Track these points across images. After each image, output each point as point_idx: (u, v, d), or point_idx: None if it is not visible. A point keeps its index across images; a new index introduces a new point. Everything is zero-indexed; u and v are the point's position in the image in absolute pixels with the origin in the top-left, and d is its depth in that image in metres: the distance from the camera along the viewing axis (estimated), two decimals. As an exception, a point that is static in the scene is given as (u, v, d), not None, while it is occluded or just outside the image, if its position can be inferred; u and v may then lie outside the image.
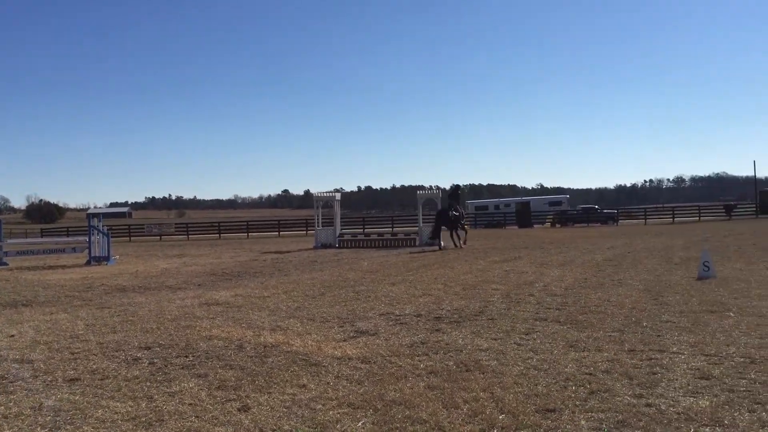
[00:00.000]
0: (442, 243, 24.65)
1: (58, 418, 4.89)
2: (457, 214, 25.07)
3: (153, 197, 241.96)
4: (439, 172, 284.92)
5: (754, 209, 55.71)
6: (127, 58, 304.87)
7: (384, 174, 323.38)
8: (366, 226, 50.49)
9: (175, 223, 65.71)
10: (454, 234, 25.03)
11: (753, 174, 75.03)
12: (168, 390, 5.57)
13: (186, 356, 6.82)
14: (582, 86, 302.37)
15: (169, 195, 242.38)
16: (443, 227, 25.04)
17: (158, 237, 54.21)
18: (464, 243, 24.87)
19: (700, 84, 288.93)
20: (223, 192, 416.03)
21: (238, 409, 5.00)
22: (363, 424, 4.61)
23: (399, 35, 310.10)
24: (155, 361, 6.64)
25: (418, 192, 30.24)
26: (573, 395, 5.09)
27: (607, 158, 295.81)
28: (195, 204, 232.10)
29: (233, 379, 5.88)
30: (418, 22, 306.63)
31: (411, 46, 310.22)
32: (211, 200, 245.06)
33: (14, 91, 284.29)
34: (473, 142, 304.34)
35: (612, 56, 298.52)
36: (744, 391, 5.07)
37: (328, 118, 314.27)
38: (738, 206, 58.90)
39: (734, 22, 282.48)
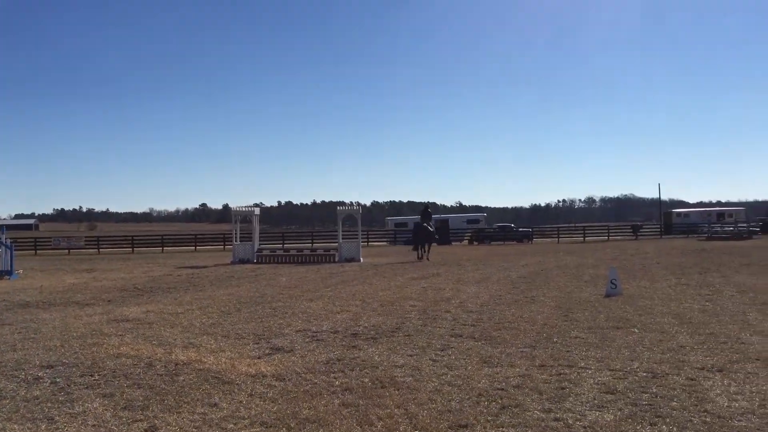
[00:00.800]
0: (419, 254, 26.63)
1: (-54, 443, 4.59)
2: (432, 230, 27.62)
3: (62, 209, 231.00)
4: (359, 188, 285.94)
5: (659, 229, 58.82)
6: (35, 58, 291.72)
7: (304, 189, 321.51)
8: (285, 242, 50.08)
9: (86, 236, 63.15)
10: (425, 247, 27.02)
11: (658, 196, 79.38)
12: (70, 411, 5.32)
13: (91, 375, 6.54)
14: (500, 109, 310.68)
15: (80, 207, 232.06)
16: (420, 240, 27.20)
17: (66, 251, 51.81)
18: (428, 257, 26.73)
19: (609, 110, 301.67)
20: (138, 205, 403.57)
21: (145, 430, 4.82)
22: (275, 443, 4.53)
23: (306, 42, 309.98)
24: (58, 380, 6.34)
25: (338, 208, 30.39)
26: (485, 410, 5.18)
27: (522, 178, 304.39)
28: (107, 217, 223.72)
29: (141, 398, 5.67)
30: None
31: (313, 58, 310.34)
32: (125, 213, 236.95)
33: None
34: (394, 160, 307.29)
35: (528, 79, 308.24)
36: (646, 404, 5.28)
37: (248, 132, 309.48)
38: (644, 227, 61.96)
39: (636, 48, 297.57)
